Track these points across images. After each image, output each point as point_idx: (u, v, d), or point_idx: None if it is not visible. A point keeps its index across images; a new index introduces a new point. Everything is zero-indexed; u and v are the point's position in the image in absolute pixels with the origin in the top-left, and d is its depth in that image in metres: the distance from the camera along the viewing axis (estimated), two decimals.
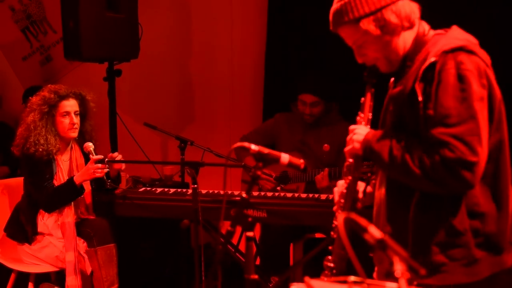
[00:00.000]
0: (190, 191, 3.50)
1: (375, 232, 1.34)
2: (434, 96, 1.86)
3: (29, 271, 3.62)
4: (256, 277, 1.94)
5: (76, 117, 3.64)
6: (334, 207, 2.20)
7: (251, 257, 1.97)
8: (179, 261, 4.15)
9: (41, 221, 3.60)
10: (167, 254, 4.24)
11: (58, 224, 3.58)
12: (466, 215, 1.91)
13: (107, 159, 3.68)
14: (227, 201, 3.30)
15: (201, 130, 5.18)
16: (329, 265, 2.10)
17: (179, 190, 3.72)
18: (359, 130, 2.09)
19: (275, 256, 3.90)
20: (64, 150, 3.70)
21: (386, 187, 2.08)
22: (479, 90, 1.86)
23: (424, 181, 1.87)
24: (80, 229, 3.62)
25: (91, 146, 3.60)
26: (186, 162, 3.58)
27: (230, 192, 3.63)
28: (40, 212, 3.60)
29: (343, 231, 1.36)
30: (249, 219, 2.01)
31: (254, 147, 2.07)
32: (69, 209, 3.59)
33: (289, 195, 3.54)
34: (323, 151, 3.95)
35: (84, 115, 3.73)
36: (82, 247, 3.57)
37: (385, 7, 1.97)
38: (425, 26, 2.07)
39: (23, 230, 3.61)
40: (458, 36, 1.98)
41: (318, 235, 3.91)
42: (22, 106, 5.27)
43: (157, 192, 3.69)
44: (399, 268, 1.29)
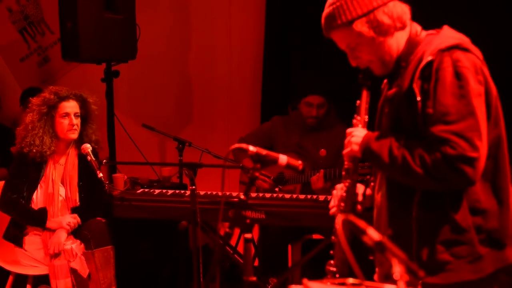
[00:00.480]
0: (188, 192, 3.49)
1: (373, 234, 1.34)
2: (432, 95, 1.87)
3: (27, 273, 3.61)
4: (254, 278, 1.94)
5: (76, 118, 3.62)
6: (330, 211, 2.19)
7: (249, 258, 1.97)
8: (177, 262, 4.14)
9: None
10: (165, 256, 4.23)
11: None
12: (468, 211, 1.91)
13: (104, 161, 3.68)
14: (225, 202, 3.29)
15: (199, 131, 5.17)
16: (332, 269, 2.09)
17: (177, 191, 3.71)
18: (357, 132, 2.09)
19: (274, 257, 3.89)
20: (62, 153, 3.69)
21: (386, 188, 2.08)
22: (477, 86, 1.87)
23: (426, 180, 1.87)
24: (78, 231, 3.61)
25: (88, 147, 3.59)
26: (184, 163, 3.57)
27: (228, 193, 3.62)
28: None
29: (341, 233, 1.35)
30: (247, 221, 2.01)
31: (252, 148, 2.07)
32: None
33: (287, 196, 3.53)
34: (320, 156, 3.95)
35: (86, 117, 3.71)
36: (79, 249, 3.56)
37: (377, 8, 1.99)
38: (417, 27, 2.08)
39: (15, 230, 3.61)
40: (451, 35, 1.99)
41: (316, 236, 3.90)
42: (20, 108, 5.27)
43: (155, 193, 3.68)
44: (397, 270, 1.28)
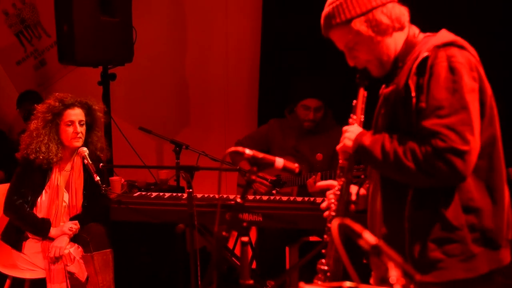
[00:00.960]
0: (185, 195, 3.48)
1: (369, 237, 1.34)
2: (426, 89, 1.89)
3: (24, 276, 3.60)
4: (251, 281, 1.94)
5: (81, 126, 3.61)
6: (325, 212, 2.19)
7: (246, 261, 1.97)
8: (174, 265, 4.14)
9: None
10: (162, 259, 4.23)
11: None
12: (461, 210, 1.91)
13: (101, 164, 3.68)
14: (222, 205, 3.28)
15: (196, 134, 5.17)
16: (323, 268, 2.09)
17: (174, 194, 3.70)
18: (352, 128, 2.11)
19: (271, 260, 3.89)
20: (67, 160, 3.68)
21: (380, 188, 2.08)
22: (471, 82, 1.88)
23: (417, 175, 1.87)
24: (77, 234, 3.60)
25: (85, 150, 3.59)
26: (181, 166, 3.57)
27: (225, 196, 3.62)
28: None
29: (337, 237, 1.35)
30: (244, 224, 2.01)
31: (249, 151, 2.07)
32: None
33: (285, 198, 3.53)
34: (316, 159, 3.95)
35: (91, 124, 3.70)
36: (77, 253, 3.56)
37: (375, 8, 2.01)
38: (415, 29, 2.10)
39: (15, 237, 3.60)
40: (448, 35, 2.01)
41: (314, 238, 3.90)
42: (17, 111, 5.27)
43: (152, 196, 3.68)
44: (393, 274, 1.28)
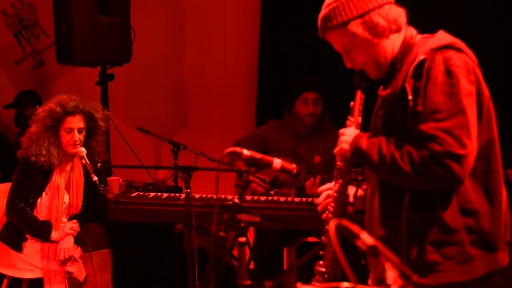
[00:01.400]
0: (183, 195, 3.49)
1: (367, 238, 1.34)
2: (423, 92, 1.88)
3: (21, 276, 3.60)
4: (249, 282, 1.94)
5: (80, 133, 3.60)
6: (324, 213, 2.20)
7: (244, 262, 1.97)
8: (172, 265, 4.14)
9: None
10: (160, 259, 4.23)
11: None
12: (459, 212, 1.91)
13: (99, 164, 3.68)
14: (220, 205, 3.28)
15: (194, 134, 5.17)
16: (320, 270, 2.10)
17: (172, 194, 3.71)
18: (348, 131, 2.12)
19: (269, 260, 3.89)
20: (68, 161, 3.68)
21: (378, 191, 2.08)
22: (468, 85, 1.87)
23: (414, 178, 1.87)
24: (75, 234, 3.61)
25: (83, 151, 3.59)
26: (179, 167, 3.57)
27: (223, 196, 3.62)
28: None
29: (334, 238, 1.36)
30: (242, 225, 2.01)
31: (246, 152, 2.07)
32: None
33: (282, 199, 3.53)
34: (314, 162, 3.95)
35: (92, 130, 3.69)
36: (76, 252, 3.56)
37: (372, 10, 2.01)
38: (412, 31, 2.10)
39: (16, 238, 3.60)
40: (445, 37, 2.01)
41: (312, 239, 3.90)
42: (15, 111, 5.26)
43: (150, 196, 3.68)
44: (391, 274, 1.28)
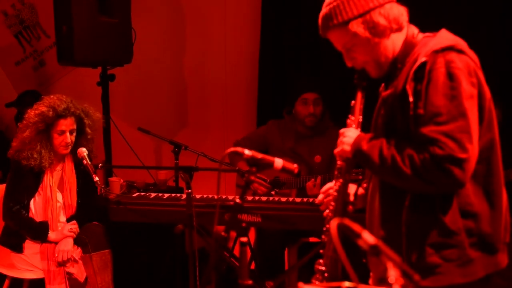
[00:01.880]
0: (184, 196, 3.49)
1: (368, 237, 1.34)
2: (424, 95, 1.87)
3: (22, 277, 3.60)
4: (250, 282, 1.94)
5: (71, 135, 3.61)
6: (324, 212, 2.20)
7: (245, 262, 1.97)
8: (173, 266, 4.14)
9: None
10: (161, 259, 4.23)
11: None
12: (459, 214, 1.91)
13: (100, 164, 3.68)
14: (221, 205, 3.29)
15: (195, 134, 5.17)
16: (320, 268, 2.10)
17: (173, 195, 3.71)
18: (349, 132, 2.11)
19: (270, 261, 3.89)
20: (58, 160, 3.69)
21: (379, 191, 2.08)
22: (469, 88, 1.87)
23: (415, 181, 1.87)
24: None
25: (84, 151, 3.59)
26: (180, 167, 3.57)
27: (224, 196, 3.62)
28: None
29: (336, 237, 1.35)
30: (243, 224, 2.01)
31: (248, 152, 2.07)
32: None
33: (284, 199, 3.53)
34: (315, 162, 3.95)
35: (81, 130, 3.68)
36: (76, 253, 3.56)
37: (373, 9, 2.00)
38: (414, 30, 2.09)
39: (16, 240, 3.60)
40: (447, 37, 2.00)
41: (313, 239, 3.90)
42: (16, 111, 5.26)
43: (151, 197, 3.68)
44: (392, 274, 1.28)
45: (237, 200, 2.03)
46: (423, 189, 1.90)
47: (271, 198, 3.57)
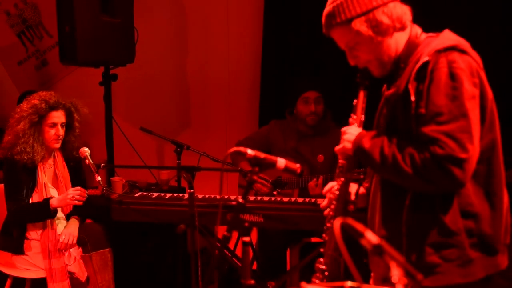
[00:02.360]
0: (186, 195, 3.48)
1: (371, 237, 1.33)
2: (426, 95, 1.88)
3: (24, 276, 3.60)
4: (252, 282, 1.93)
5: (62, 128, 3.64)
6: (325, 211, 2.20)
7: (247, 262, 1.97)
8: (175, 266, 4.14)
9: (34, 229, 3.60)
10: (163, 259, 4.22)
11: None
12: (460, 215, 1.91)
13: (102, 164, 3.68)
14: (223, 205, 3.28)
15: (197, 134, 5.17)
16: (321, 267, 2.09)
17: (175, 194, 3.70)
18: (351, 130, 2.11)
19: (272, 261, 3.89)
20: (48, 158, 3.70)
21: (380, 190, 2.08)
22: (471, 88, 1.87)
23: (415, 180, 1.87)
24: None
25: (87, 151, 3.59)
26: (182, 167, 3.56)
27: (226, 196, 3.62)
28: None
29: (339, 237, 1.35)
30: (246, 224, 2.01)
31: (251, 151, 2.07)
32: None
33: (286, 199, 3.53)
34: (317, 161, 3.95)
35: (70, 125, 3.71)
36: (77, 252, 3.56)
37: (376, 8, 2.00)
38: (417, 29, 2.09)
39: (16, 242, 3.60)
40: (450, 37, 2.00)
41: (315, 239, 3.90)
42: None
43: (153, 197, 3.67)
44: (396, 273, 1.28)
45: (240, 200, 2.03)
46: (424, 188, 1.90)
47: (273, 198, 3.57)
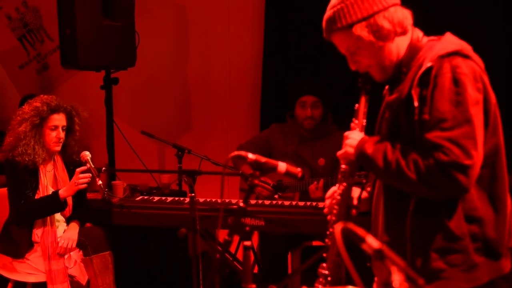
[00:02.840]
0: (187, 199, 3.48)
1: (373, 242, 1.33)
2: (429, 101, 1.87)
3: (25, 280, 3.60)
4: (253, 286, 1.93)
5: (63, 132, 3.65)
6: (328, 216, 2.19)
7: (248, 265, 1.96)
8: (176, 269, 4.14)
9: (35, 231, 3.60)
10: (164, 263, 4.22)
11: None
12: (464, 219, 1.90)
13: (104, 168, 3.68)
14: (224, 209, 3.28)
15: (198, 138, 5.17)
16: (324, 272, 2.09)
17: (176, 198, 3.70)
18: (353, 135, 2.10)
19: (273, 264, 3.88)
20: (48, 161, 3.70)
21: (383, 195, 2.07)
22: (475, 94, 1.86)
23: (419, 186, 1.87)
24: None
25: (88, 155, 3.59)
26: (183, 171, 3.57)
27: (227, 200, 3.62)
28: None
29: (340, 241, 1.35)
30: (247, 228, 2.01)
31: (251, 155, 2.07)
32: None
33: (287, 203, 3.52)
34: (318, 165, 3.95)
35: (70, 128, 3.72)
36: (77, 256, 3.56)
37: (377, 13, 1.99)
38: (418, 33, 2.08)
39: (16, 246, 3.60)
40: (452, 41, 1.99)
41: (316, 243, 3.89)
42: None
43: (154, 200, 3.67)
44: (397, 278, 1.28)
45: (241, 204, 2.03)
46: (428, 194, 1.90)
47: (274, 202, 3.57)
